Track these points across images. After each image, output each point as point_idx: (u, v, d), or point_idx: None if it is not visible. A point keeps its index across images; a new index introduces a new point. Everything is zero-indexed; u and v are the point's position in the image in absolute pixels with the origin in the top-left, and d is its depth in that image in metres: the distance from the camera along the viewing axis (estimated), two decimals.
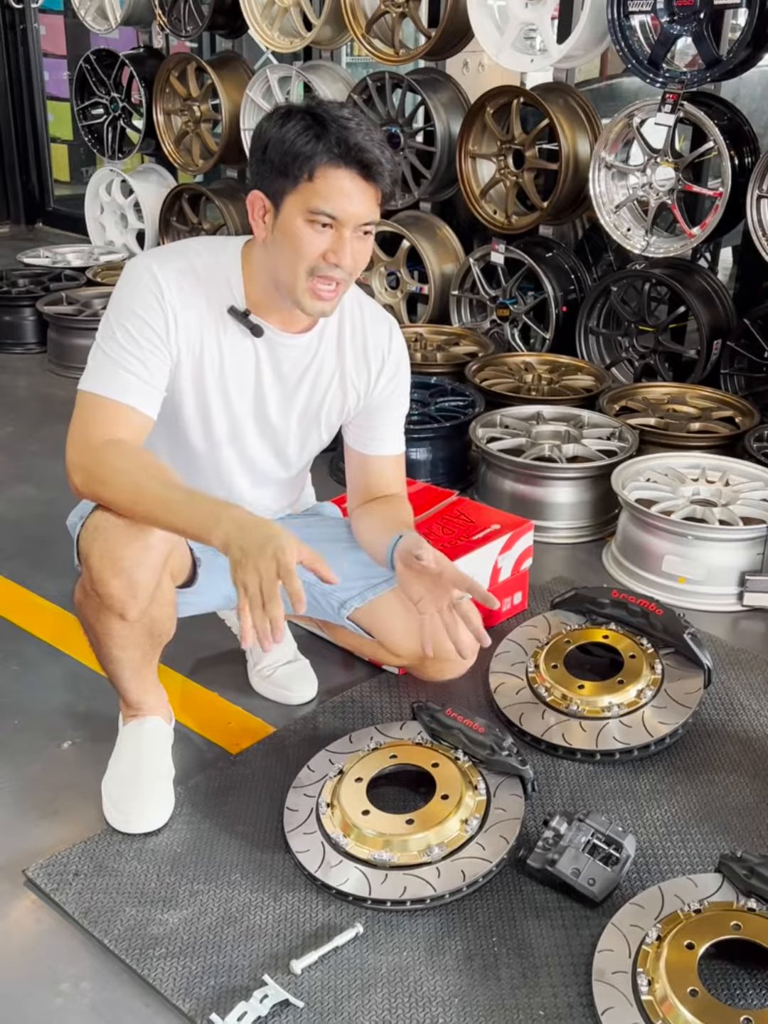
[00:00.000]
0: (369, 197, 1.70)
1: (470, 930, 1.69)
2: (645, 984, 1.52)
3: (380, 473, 2.06)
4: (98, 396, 1.73)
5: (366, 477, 2.07)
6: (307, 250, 1.70)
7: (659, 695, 2.12)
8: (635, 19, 3.47)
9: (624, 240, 3.68)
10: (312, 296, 1.74)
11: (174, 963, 1.62)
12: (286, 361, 1.89)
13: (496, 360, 3.77)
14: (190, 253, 1.83)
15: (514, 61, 3.79)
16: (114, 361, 1.73)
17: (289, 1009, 1.55)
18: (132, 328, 1.74)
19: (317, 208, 1.67)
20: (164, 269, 1.77)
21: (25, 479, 3.29)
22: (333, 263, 1.70)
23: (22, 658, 2.39)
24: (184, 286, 1.77)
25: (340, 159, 1.65)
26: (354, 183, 1.67)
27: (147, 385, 1.75)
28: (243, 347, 1.85)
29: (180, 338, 1.78)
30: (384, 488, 2.06)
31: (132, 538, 1.71)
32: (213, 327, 1.81)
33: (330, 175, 1.66)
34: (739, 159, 3.43)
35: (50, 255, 5.21)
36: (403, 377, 2.02)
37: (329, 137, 1.65)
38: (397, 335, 1.99)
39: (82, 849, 1.83)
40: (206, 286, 1.80)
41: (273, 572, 1.53)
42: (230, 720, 2.20)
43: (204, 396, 1.86)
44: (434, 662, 2.02)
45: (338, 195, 1.67)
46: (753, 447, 3.04)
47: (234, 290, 1.82)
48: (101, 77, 5.27)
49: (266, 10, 4.45)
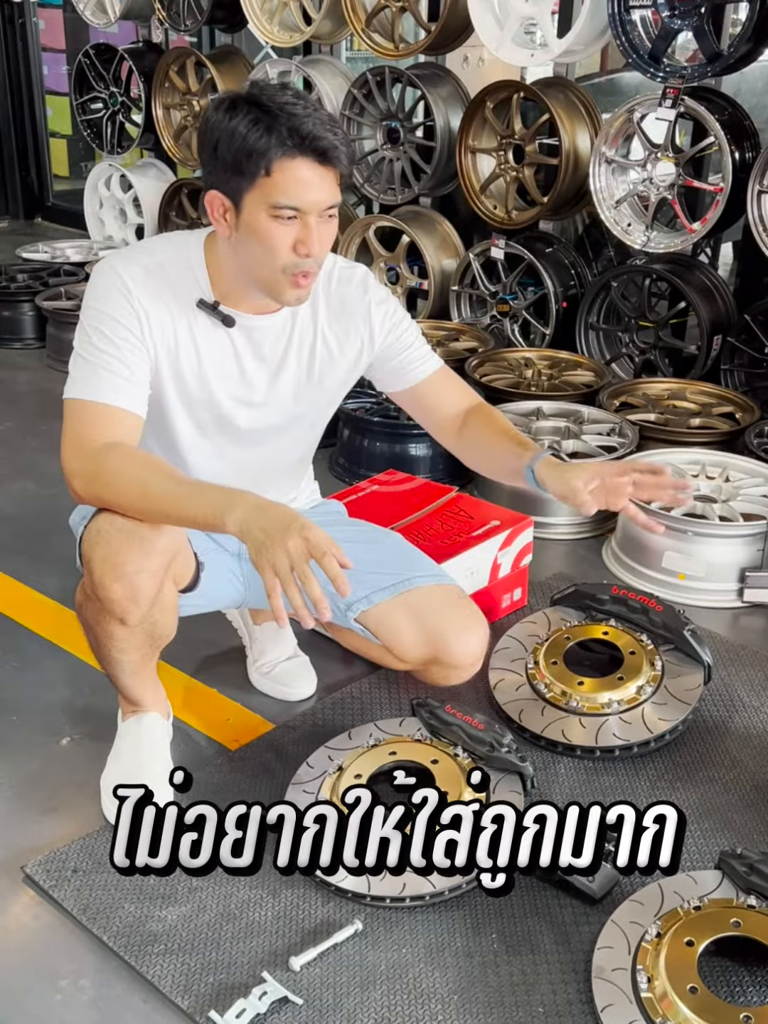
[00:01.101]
0: (329, 181, 1.68)
1: (469, 927, 1.69)
2: (645, 981, 1.52)
3: (436, 396, 2.03)
4: (85, 402, 1.72)
5: (429, 408, 2.04)
6: (277, 246, 1.69)
7: (659, 691, 2.12)
8: (636, 13, 3.46)
9: (624, 235, 3.67)
10: (292, 287, 1.73)
11: (173, 960, 1.62)
12: (265, 343, 1.87)
13: (496, 356, 3.77)
14: (155, 250, 1.83)
15: (514, 56, 3.78)
16: (95, 365, 1.73)
17: (288, 1006, 1.55)
18: (107, 330, 1.73)
19: (279, 203, 1.66)
20: (129, 268, 1.76)
21: (25, 474, 3.28)
22: (304, 254, 1.69)
23: (21, 654, 2.39)
24: (150, 283, 1.77)
25: (295, 150, 1.63)
26: (312, 171, 1.65)
27: (131, 384, 1.74)
28: (218, 338, 1.84)
29: (155, 335, 1.77)
30: (453, 408, 2.03)
31: (134, 544, 1.70)
32: (185, 321, 1.80)
33: (287, 167, 1.64)
34: (740, 154, 3.42)
35: (49, 250, 5.20)
36: (395, 308, 1.98)
37: (280, 129, 1.63)
38: (370, 278, 1.96)
39: (81, 845, 1.83)
40: (173, 281, 1.79)
41: (304, 551, 1.52)
42: (229, 716, 2.19)
43: (186, 390, 1.85)
44: (439, 668, 2.01)
45: (298, 186, 1.65)
46: (753, 443, 3.04)
47: (201, 283, 1.81)
48: (100, 72, 5.25)
49: (265, 4, 4.44)
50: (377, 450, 3.22)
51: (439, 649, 1.97)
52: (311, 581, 1.53)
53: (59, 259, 5.07)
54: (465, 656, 1.99)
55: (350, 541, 2.08)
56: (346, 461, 3.27)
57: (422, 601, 1.98)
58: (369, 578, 1.99)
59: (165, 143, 5.06)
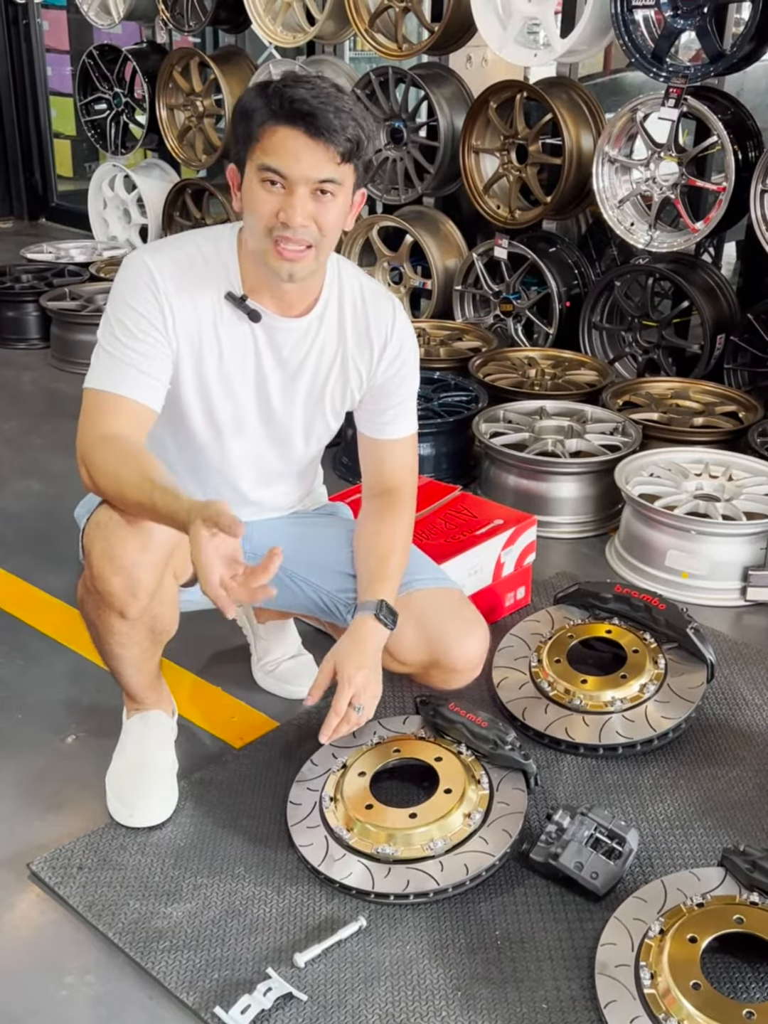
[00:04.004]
0: (319, 155, 1.65)
1: (473, 924, 1.69)
2: (648, 977, 1.52)
3: (392, 459, 2.02)
4: (98, 391, 1.73)
5: (378, 465, 2.03)
6: (261, 210, 1.68)
7: (662, 690, 2.12)
8: (639, 13, 3.46)
9: (628, 235, 3.67)
10: (276, 256, 1.71)
11: (178, 956, 1.63)
12: (286, 346, 1.87)
13: (499, 355, 3.77)
14: (188, 243, 1.83)
15: (517, 56, 3.79)
16: (113, 357, 1.74)
17: (292, 1002, 1.55)
18: (129, 322, 1.74)
19: (264, 164, 1.66)
20: (158, 260, 1.77)
21: (29, 473, 3.29)
22: (282, 221, 1.67)
23: (26, 652, 2.40)
24: (179, 275, 1.77)
25: (280, 115, 1.64)
26: (298, 141, 1.64)
27: (146, 376, 1.74)
28: (241, 333, 1.84)
29: (178, 328, 1.78)
30: (394, 475, 2.02)
31: (133, 537, 1.71)
32: (211, 315, 1.80)
33: (275, 132, 1.65)
34: (743, 153, 3.42)
35: (53, 251, 5.21)
36: (408, 356, 1.97)
37: (271, 97, 1.64)
38: (400, 314, 1.95)
39: (86, 843, 1.84)
40: (202, 274, 1.79)
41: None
42: (234, 714, 2.20)
43: (205, 385, 1.86)
44: (439, 672, 2.00)
45: (283, 152, 1.65)
46: (756, 442, 3.04)
47: (231, 276, 1.81)
48: (104, 72, 5.26)
49: (269, 5, 4.45)
50: None
51: (439, 653, 1.96)
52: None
53: (63, 260, 5.08)
54: (465, 660, 1.98)
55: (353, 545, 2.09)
56: (350, 460, 3.28)
57: (423, 604, 1.97)
58: None
59: (169, 144, 5.07)
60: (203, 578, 1.47)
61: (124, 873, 1.77)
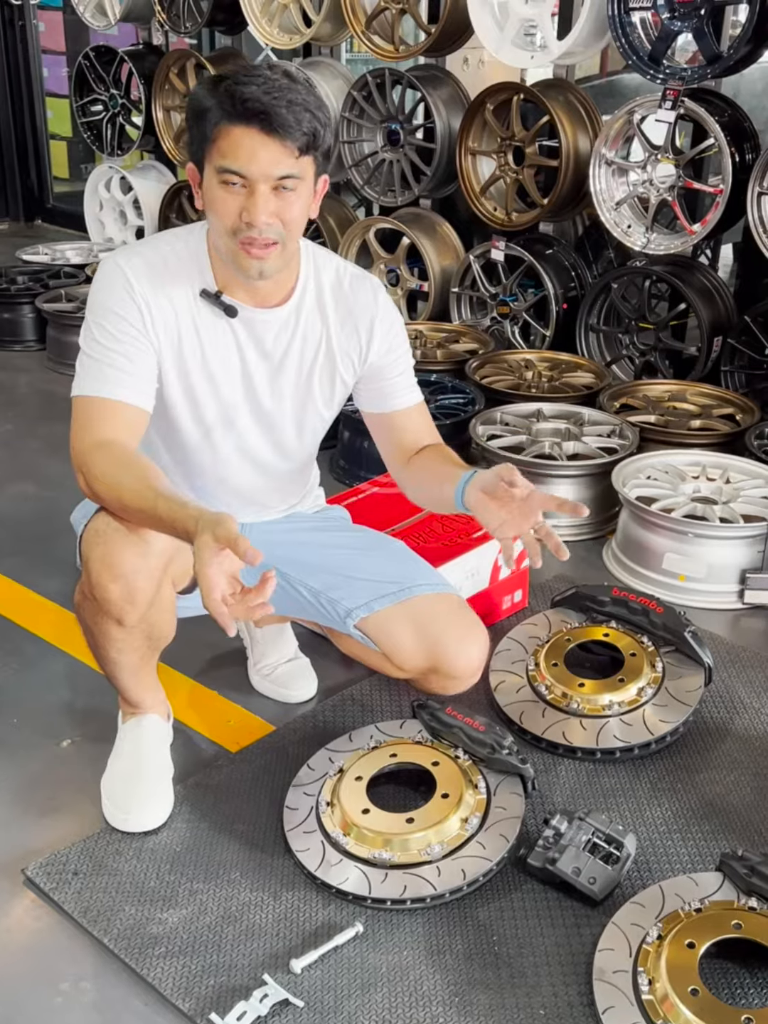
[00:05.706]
0: (275, 151, 1.64)
1: (470, 929, 1.69)
2: (646, 983, 1.51)
3: (405, 427, 2.01)
4: (88, 397, 1.73)
5: (394, 435, 2.01)
6: (223, 211, 1.68)
7: (660, 693, 2.12)
8: (635, 15, 3.46)
9: (624, 237, 3.67)
10: (244, 256, 1.71)
11: (174, 962, 1.62)
12: (267, 337, 1.86)
13: (496, 357, 3.77)
14: (160, 243, 1.83)
15: (514, 57, 3.78)
16: (97, 361, 1.73)
17: (289, 1008, 1.55)
18: (109, 325, 1.74)
19: (222, 167, 1.65)
20: (132, 262, 1.77)
21: (25, 476, 3.29)
22: (246, 221, 1.67)
23: (21, 656, 2.39)
24: (152, 275, 1.77)
25: (232, 114, 1.62)
26: (252, 138, 1.63)
27: (133, 378, 1.74)
28: (220, 329, 1.83)
29: (157, 328, 1.77)
30: (416, 441, 2.01)
31: (132, 544, 1.70)
32: (188, 312, 1.80)
33: (229, 133, 1.64)
34: (740, 155, 3.42)
35: (49, 252, 5.20)
36: (398, 331, 1.97)
37: (221, 95, 1.63)
38: (381, 292, 1.95)
39: (81, 848, 1.83)
40: (176, 273, 1.79)
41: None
42: (230, 718, 2.19)
43: (189, 383, 1.85)
44: (438, 677, 2.00)
45: (238, 151, 1.64)
46: (754, 444, 3.04)
47: (204, 273, 1.81)
48: (100, 74, 5.26)
49: (265, 6, 4.44)
50: (378, 452, 3.21)
51: (439, 659, 1.96)
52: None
53: (59, 261, 5.07)
54: (465, 667, 1.98)
55: (351, 548, 2.08)
56: (346, 463, 3.27)
57: (423, 610, 1.96)
58: (370, 585, 1.98)
59: (165, 145, 5.07)
60: (206, 594, 1.46)
61: (119, 878, 1.76)
